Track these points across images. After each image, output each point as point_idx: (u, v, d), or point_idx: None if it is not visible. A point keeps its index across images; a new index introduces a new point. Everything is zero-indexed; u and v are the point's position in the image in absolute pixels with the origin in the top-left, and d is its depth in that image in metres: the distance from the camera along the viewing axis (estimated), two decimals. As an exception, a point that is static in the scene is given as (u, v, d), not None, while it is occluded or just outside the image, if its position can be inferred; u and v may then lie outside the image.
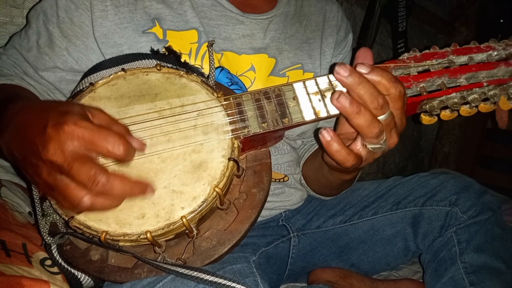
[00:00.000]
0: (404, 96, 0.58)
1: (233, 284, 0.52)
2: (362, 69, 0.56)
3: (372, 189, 1.01)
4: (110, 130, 0.50)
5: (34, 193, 0.59)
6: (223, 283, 0.52)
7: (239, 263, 0.65)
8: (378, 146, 0.59)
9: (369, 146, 0.59)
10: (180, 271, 0.53)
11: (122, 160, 0.50)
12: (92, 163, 0.47)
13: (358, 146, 0.60)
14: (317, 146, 0.95)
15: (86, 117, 0.49)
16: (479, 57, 0.65)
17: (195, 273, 0.53)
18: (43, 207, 0.59)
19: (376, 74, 0.56)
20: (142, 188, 0.52)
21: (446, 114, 0.65)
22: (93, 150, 0.48)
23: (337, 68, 0.55)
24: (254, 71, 0.84)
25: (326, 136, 0.57)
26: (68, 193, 0.47)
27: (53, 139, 0.46)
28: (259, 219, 0.92)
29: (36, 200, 0.59)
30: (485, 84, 0.64)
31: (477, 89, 0.64)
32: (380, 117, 0.56)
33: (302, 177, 0.98)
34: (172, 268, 0.53)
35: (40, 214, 0.59)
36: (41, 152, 0.46)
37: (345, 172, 0.75)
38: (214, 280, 0.52)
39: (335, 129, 0.70)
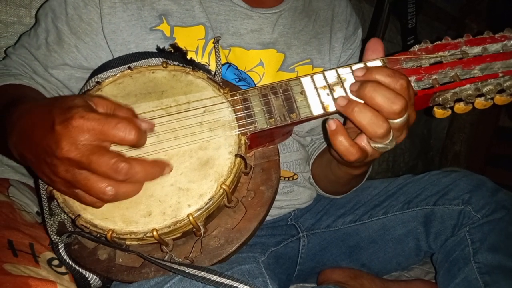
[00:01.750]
0: (407, 89, 0.57)
1: (241, 285, 0.51)
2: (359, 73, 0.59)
3: (382, 188, 1.00)
4: (117, 116, 0.50)
5: (42, 192, 0.58)
6: (231, 284, 0.51)
7: (248, 263, 0.64)
8: (383, 146, 0.58)
9: (373, 145, 0.58)
10: (187, 271, 0.52)
11: (136, 144, 0.50)
12: (109, 152, 0.48)
13: (364, 141, 0.59)
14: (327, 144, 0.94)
15: (90, 108, 0.49)
16: (494, 47, 0.63)
17: (203, 273, 0.52)
18: (51, 206, 0.59)
19: (373, 74, 0.57)
20: (161, 168, 0.53)
21: (460, 107, 0.63)
22: (106, 140, 0.48)
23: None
24: (263, 66, 0.84)
25: (332, 125, 0.57)
26: (90, 186, 0.47)
27: (64, 136, 0.46)
28: (268, 218, 0.91)
29: (43, 200, 0.59)
30: (500, 75, 0.62)
31: (492, 80, 0.62)
32: (396, 120, 0.55)
33: (311, 176, 0.96)
34: (179, 268, 0.53)
35: (47, 214, 0.58)
36: (55, 150, 0.46)
37: (353, 167, 0.74)
38: (222, 281, 0.51)
39: (344, 123, 0.69)
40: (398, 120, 0.56)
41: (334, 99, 0.60)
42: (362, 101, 0.57)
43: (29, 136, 0.50)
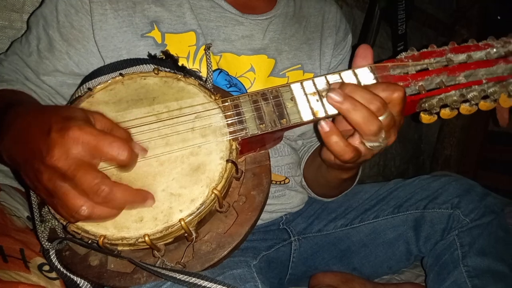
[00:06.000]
0: (403, 99, 0.58)
1: None
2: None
3: (373, 192, 1.01)
4: (113, 135, 0.50)
5: (33, 198, 0.58)
6: None
7: (239, 268, 0.64)
8: (377, 144, 0.59)
9: (368, 144, 0.59)
10: (178, 277, 0.52)
11: (125, 165, 0.50)
12: (96, 171, 0.47)
13: (356, 141, 0.60)
14: (317, 146, 0.95)
15: (89, 122, 0.49)
16: (478, 55, 0.65)
17: (194, 279, 0.52)
18: (42, 212, 0.58)
19: (373, 90, 0.57)
20: (143, 197, 0.52)
21: (446, 113, 0.64)
22: (97, 156, 0.48)
23: (329, 94, 0.57)
24: (254, 72, 0.84)
25: (325, 127, 0.57)
26: (66, 201, 0.46)
27: (58, 144, 0.45)
28: (260, 222, 0.92)
29: (34, 206, 0.58)
30: (484, 81, 0.63)
31: (476, 86, 0.63)
32: (380, 118, 0.56)
33: (303, 178, 0.97)
34: (170, 274, 0.52)
35: (38, 220, 0.58)
36: (45, 157, 0.46)
37: (343, 170, 0.74)
38: (213, 287, 0.51)
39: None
40: (381, 118, 0.57)
41: (323, 105, 0.61)
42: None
43: (22, 138, 0.50)
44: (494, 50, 0.65)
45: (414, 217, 0.92)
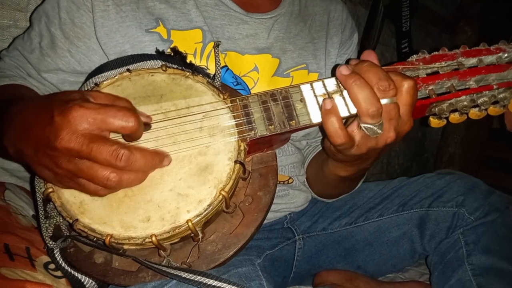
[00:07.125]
0: (413, 91, 0.57)
1: None
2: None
3: (377, 191, 1.00)
4: (116, 106, 0.50)
5: (38, 195, 0.58)
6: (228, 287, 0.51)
7: (244, 266, 0.64)
8: (371, 127, 0.58)
9: (362, 125, 0.58)
10: (183, 276, 0.52)
11: (135, 133, 0.50)
12: (109, 140, 0.48)
13: (353, 128, 0.59)
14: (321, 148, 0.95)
15: (88, 100, 0.50)
16: (489, 59, 0.64)
17: (199, 277, 0.52)
18: (47, 209, 0.58)
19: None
20: (160, 157, 0.53)
21: (455, 117, 0.64)
22: (105, 129, 0.48)
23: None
24: (258, 71, 0.83)
25: (328, 104, 0.58)
26: (94, 174, 0.47)
27: (63, 126, 0.46)
28: (264, 221, 0.92)
29: (39, 202, 0.58)
30: (495, 87, 0.63)
31: (487, 91, 0.63)
32: (383, 101, 0.56)
33: (305, 178, 0.97)
34: (175, 272, 0.52)
35: (43, 216, 0.58)
36: (54, 141, 0.46)
37: (339, 161, 0.73)
38: (218, 285, 0.51)
39: None
40: (386, 100, 0.56)
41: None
42: None
43: (28, 130, 0.50)
44: (506, 54, 0.64)
45: (418, 215, 0.92)
